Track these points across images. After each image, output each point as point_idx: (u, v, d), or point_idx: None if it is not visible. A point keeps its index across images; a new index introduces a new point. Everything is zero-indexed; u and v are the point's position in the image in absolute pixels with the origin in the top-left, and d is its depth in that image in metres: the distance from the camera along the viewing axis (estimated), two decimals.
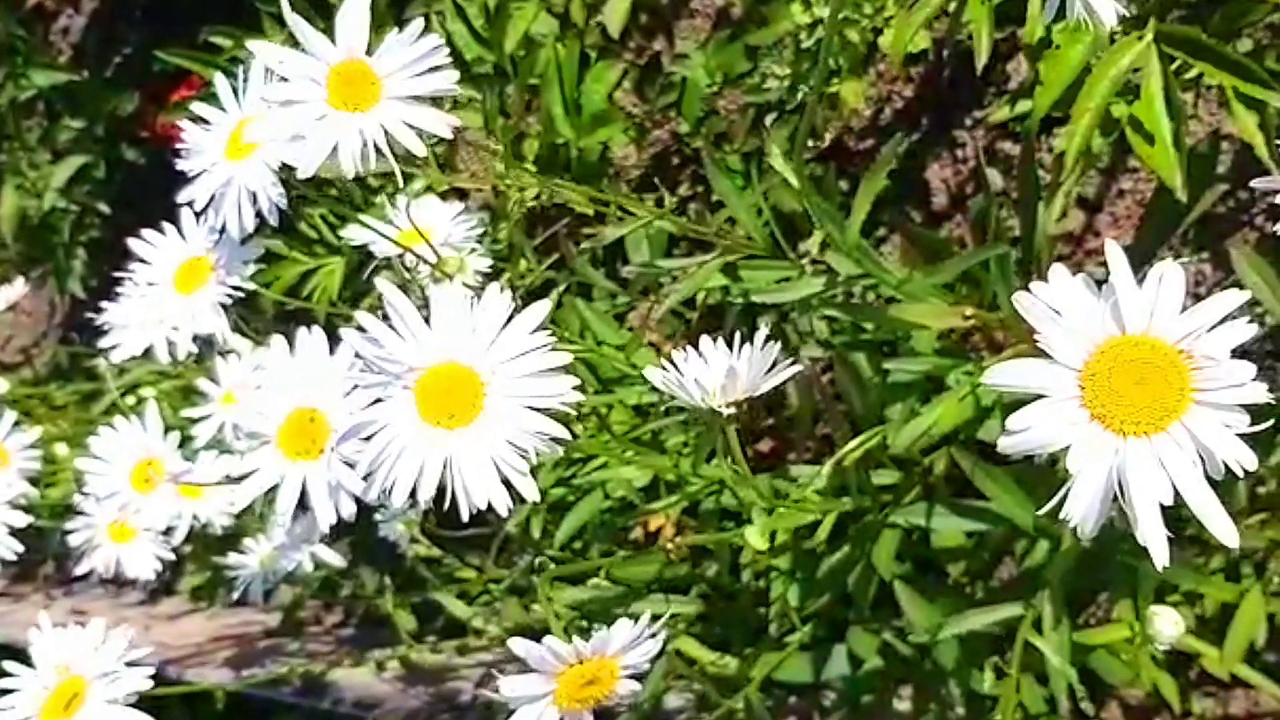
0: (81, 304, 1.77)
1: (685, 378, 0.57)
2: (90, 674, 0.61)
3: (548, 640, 0.52)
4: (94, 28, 1.74)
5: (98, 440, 0.84)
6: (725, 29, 1.18)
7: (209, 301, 0.68)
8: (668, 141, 1.24)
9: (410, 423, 0.48)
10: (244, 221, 0.61)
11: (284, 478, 0.54)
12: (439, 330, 0.49)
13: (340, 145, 0.55)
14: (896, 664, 0.83)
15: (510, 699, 0.53)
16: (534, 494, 0.49)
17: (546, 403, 0.49)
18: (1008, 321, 0.68)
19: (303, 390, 0.54)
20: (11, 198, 1.51)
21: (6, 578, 1.96)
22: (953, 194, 1.12)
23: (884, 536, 0.73)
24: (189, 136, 0.64)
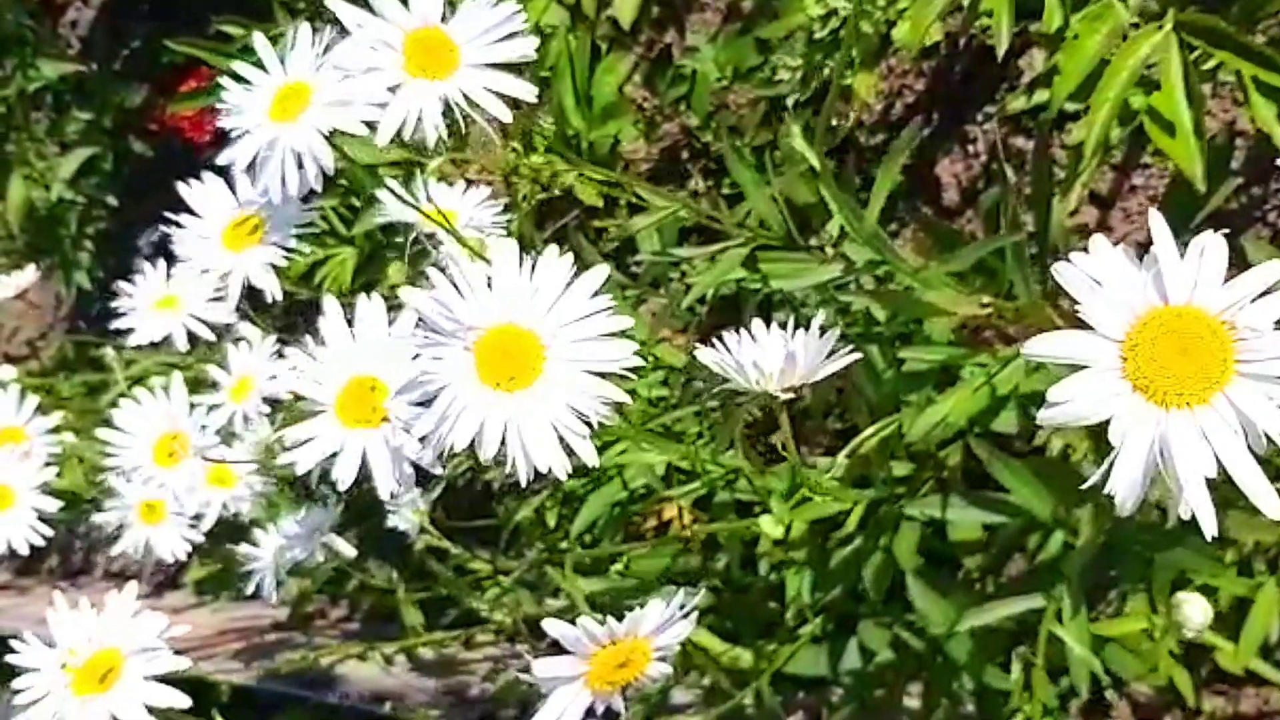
0: (88, 296, 1.78)
1: (744, 361, 0.56)
2: (127, 648, 0.60)
3: (582, 621, 0.51)
4: (102, 21, 1.75)
5: (120, 412, 0.84)
6: (735, 23, 1.18)
7: (262, 259, 0.67)
8: (677, 135, 1.24)
9: (470, 383, 0.48)
10: (288, 186, 0.60)
11: (344, 445, 0.53)
12: (499, 292, 0.49)
13: (424, 112, 0.55)
14: (908, 658, 0.83)
15: (542, 680, 0.53)
16: (594, 458, 0.48)
17: (606, 367, 0.48)
18: (1024, 310, 0.67)
19: (362, 359, 0.54)
20: (19, 188, 1.50)
21: (10, 571, 1.96)
22: (963, 189, 1.12)
23: (904, 528, 0.73)
24: (229, 95, 0.62)
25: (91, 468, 1.36)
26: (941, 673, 0.81)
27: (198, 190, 0.71)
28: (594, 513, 0.84)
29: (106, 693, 0.60)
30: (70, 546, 1.89)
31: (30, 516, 1.01)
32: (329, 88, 0.60)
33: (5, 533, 1.01)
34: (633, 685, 0.54)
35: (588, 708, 0.53)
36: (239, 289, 0.68)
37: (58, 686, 0.61)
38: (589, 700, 0.53)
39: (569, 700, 0.53)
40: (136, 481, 0.85)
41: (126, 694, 0.60)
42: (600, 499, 0.85)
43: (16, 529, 1.01)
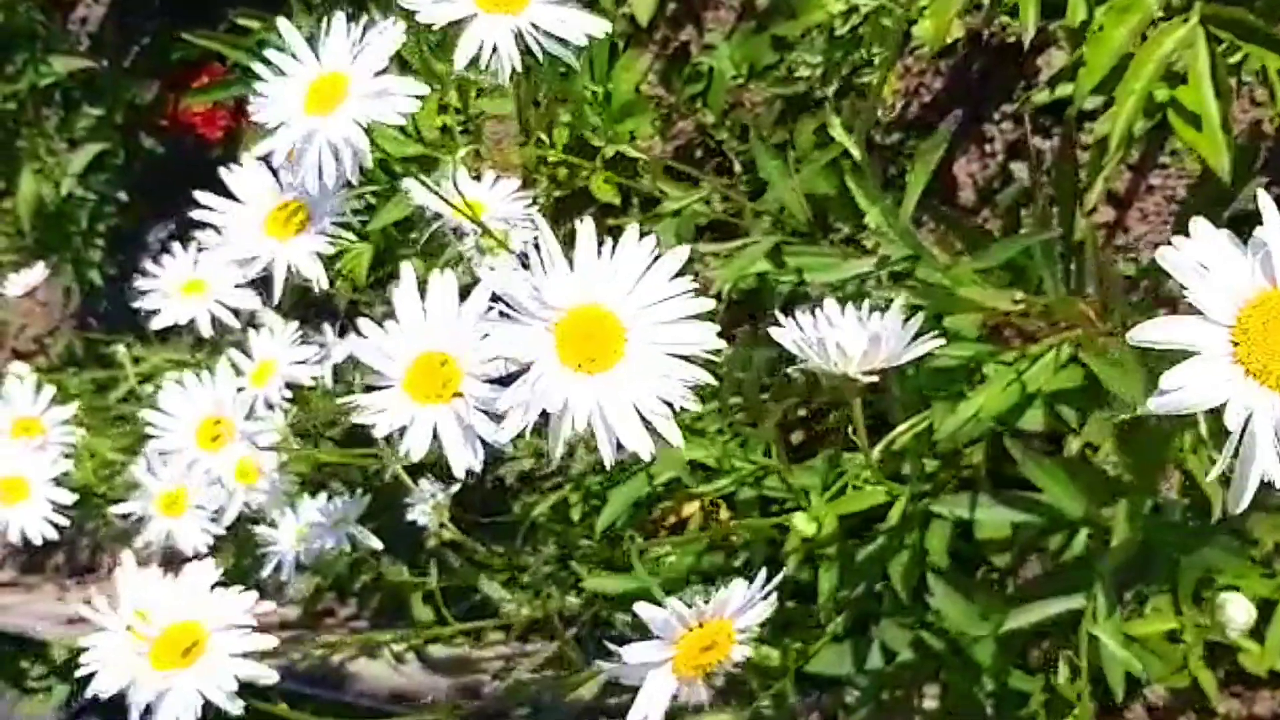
0: (96, 293, 1.77)
1: (827, 340, 0.55)
2: (212, 624, 0.59)
3: (671, 603, 0.51)
4: (112, 17, 1.74)
5: (164, 395, 0.83)
6: (750, 21, 1.18)
7: (309, 247, 0.66)
8: (691, 133, 1.24)
9: (552, 364, 0.48)
10: (325, 179, 0.60)
11: (414, 419, 0.53)
12: (580, 273, 0.49)
13: (498, 44, 0.55)
14: (928, 660, 0.82)
15: (630, 666, 0.53)
16: (678, 439, 0.48)
17: (688, 349, 0.48)
18: (1054, 307, 0.67)
19: (433, 334, 0.53)
20: (30, 184, 1.50)
21: (16, 568, 1.96)
22: (980, 188, 1.12)
23: (934, 525, 0.72)
24: (263, 86, 0.62)
25: (102, 463, 1.36)
26: (963, 674, 0.80)
27: (240, 175, 0.71)
28: (618, 508, 0.84)
29: (190, 667, 0.58)
30: (76, 544, 1.89)
31: (45, 508, 1.01)
32: (366, 79, 0.60)
33: (20, 523, 1.01)
34: (716, 670, 0.54)
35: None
36: (283, 277, 0.68)
37: (128, 654, 0.59)
38: (675, 687, 0.53)
39: (659, 687, 0.52)
40: (179, 464, 0.85)
41: (212, 669, 0.58)
42: (624, 494, 0.84)
43: (32, 520, 1.01)
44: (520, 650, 1.32)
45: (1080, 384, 0.73)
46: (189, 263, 0.96)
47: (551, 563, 1.04)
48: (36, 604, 1.82)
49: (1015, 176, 1.09)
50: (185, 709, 0.57)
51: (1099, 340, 0.65)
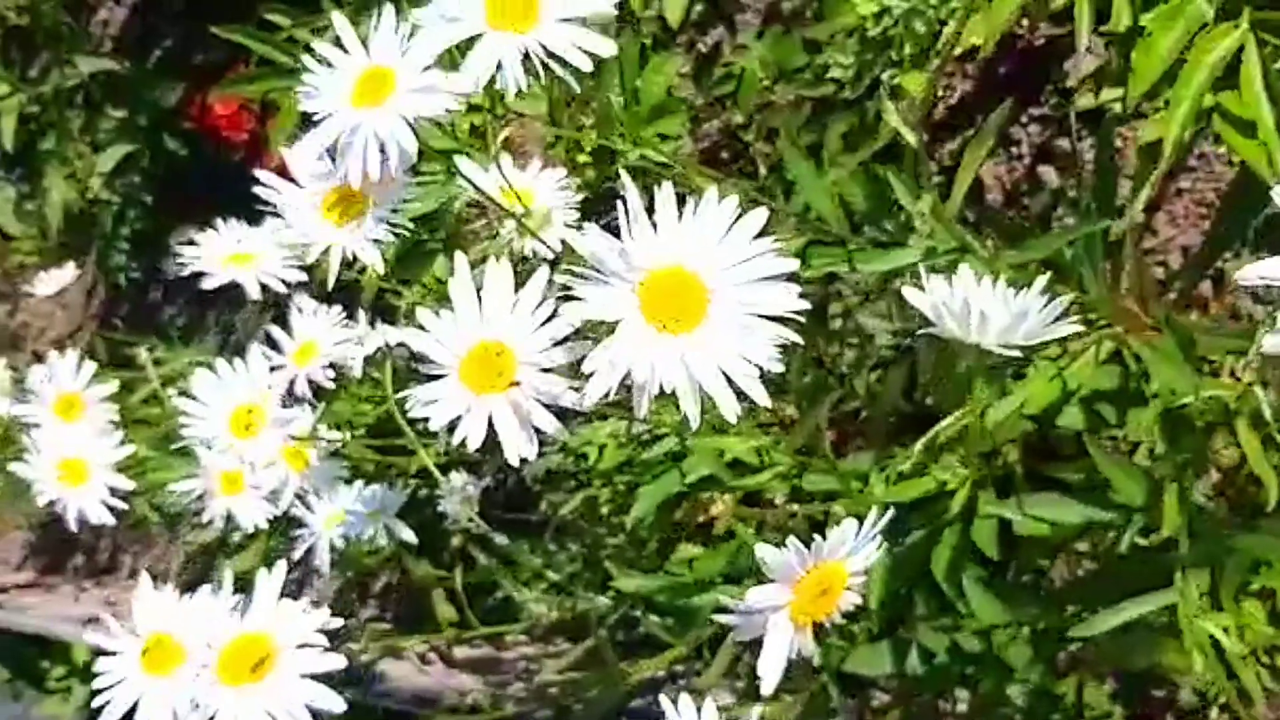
0: (118, 295, 1.78)
1: (972, 307, 0.54)
2: (284, 640, 0.56)
3: (791, 541, 0.51)
4: (134, 19, 1.75)
5: (197, 382, 0.83)
6: (775, 24, 1.18)
7: (368, 234, 0.66)
8: (717, 136, 1.24)
9: (637, 324, 0.48)
10: (369, 172, 0.60)
11: (469, 409, 0.52)
12: (662, 233, 0.48)
13: (504, 63, 0.55)
14: (965, 661, 0.82)
15: (754, 608, 0.52)
16: (765, 399, 0.48)
17: (772, 310, 0.48)
18: (1093, 304, 0.67)
19: (489, 323, 0.53)
20: (59, 186, 1.51)
21: (36, 569, 1.96)
22: (1007, 190, 1.12)
23: (979, 522, 0.72)
24: (311, 78, 0.62)
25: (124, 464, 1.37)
26: (997, 676, 0.80)
27: (299, 156, 0.70)
28: (648, 505, 0.84)
29: (260, 683, 0.55)
30: (96, 545, 1.90)
31: (104, 492, 1.02)
32: (414, 74, 0.60)
33: (79, 505, 1.02)
34: (829, 618, 0.53)
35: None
36: (339, 262, 0.68)
37: (135, 670, 0.59)
38: (792, 635, 0.53)
39: (781, 636, 0.52)
40: (213, 451, 0.85)
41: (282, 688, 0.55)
42: (655, 491, 0.84)
43: (91, 503, 1.01)
44: (544, 651, 1.32)
45: (1118, 382, 0.73)
46: (234, 235, 0.95)
47: (579, 561, 1.04)
48: (55, 605, 1.83)
49: (1044, 180, 1.09)
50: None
51: (1145, 334, 0.65)
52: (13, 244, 1.86)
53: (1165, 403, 0.65)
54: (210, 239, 0.91)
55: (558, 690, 1.20)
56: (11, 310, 1.99)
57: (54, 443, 1.02)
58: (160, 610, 0.62)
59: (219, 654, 0.57)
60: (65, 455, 1.01)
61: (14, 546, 2.00)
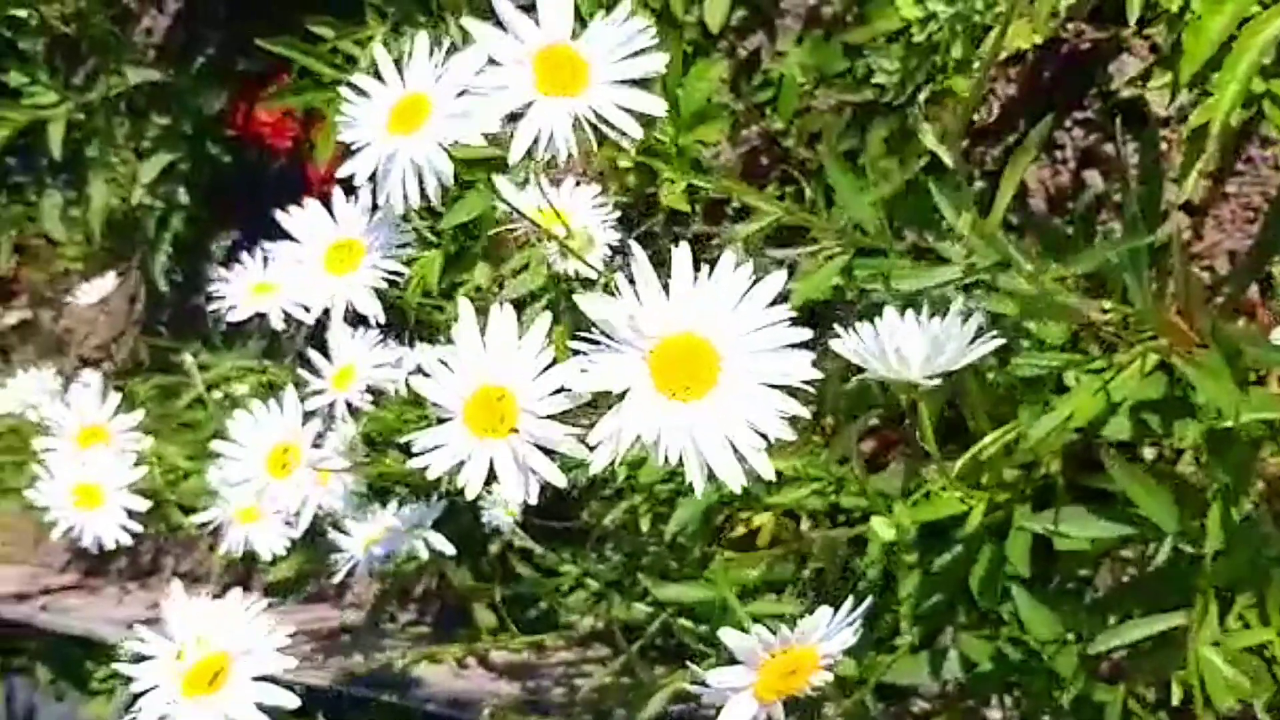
0: (161, 300, 1.80)
1: (886, 347, 0.55)
2: (234, 649, 0.59)
3: (756, 630, 0.51)
4: (177, 28, 1.77)
5: (235, 425, 0.84)
6: (815, 29, 1.18)
7: (363, 284, 0.67)
8: (757, 141, 1.24)
9: (647, 391, 0.48)
10: (409, 197, 0.60)
11: (471, 455, 0.53)
12: (675, 300, 0.48)
13: (554, 129, 0.55)
14: (1007, 670, 0.81)
15: (716, 689, 0.53)
16: (770, 472, 0.48)
17: (784, 379, 0.48)
18: (1141, 315, 0.66)
19: (491, 368, 0.53)
20: (101, 193, 1.53)
21: (80, 571, 1.99)
22: (1050, 196, 1.11)
23: (1014, 535, 0.72)
24: (349, 108, 0.63)
25: (169, 468, 1.38)
26: (1043, 685, 0.79)
27: (298, 216, 0.72)
28: (688, 516, 0.84)
29: (215, 694, 0.59)
30: (139, 548, 1.92)
31: (120, 515, 1.03)
32: (449, 100, 0.60)
33: (95, 529, 1.03)
34: (799, 693, 0.54)
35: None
36: (342, 312, 0.69)
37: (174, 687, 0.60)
38: (755, 710, 0.53)
39: (740, 711, 0.53)
40: (247, 493, 0.86)
41: (235, 694, 0.59)
42: (694, 503, 0.84)
43: (107, 527, 1.03)
44: (582, 656, 1.32)
45: (1164, 394, 0.72)
46: (259, 269, 0.97)
47: (618, 570, 1.04)
48: (99, 606, 1.85)
49: (1088, 184, 1.08)
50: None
51: (1190, 348, 0.64)
52: (58, 249, 1.89)
53: (1209, 419, 0.64)
54: (239, 273, 0.93)
55: (596, 696, 1.20)
56: (56, 316, 2.02)
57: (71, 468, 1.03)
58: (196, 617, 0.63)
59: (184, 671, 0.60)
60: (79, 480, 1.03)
61: (57, 549, 2.02)
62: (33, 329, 2.04)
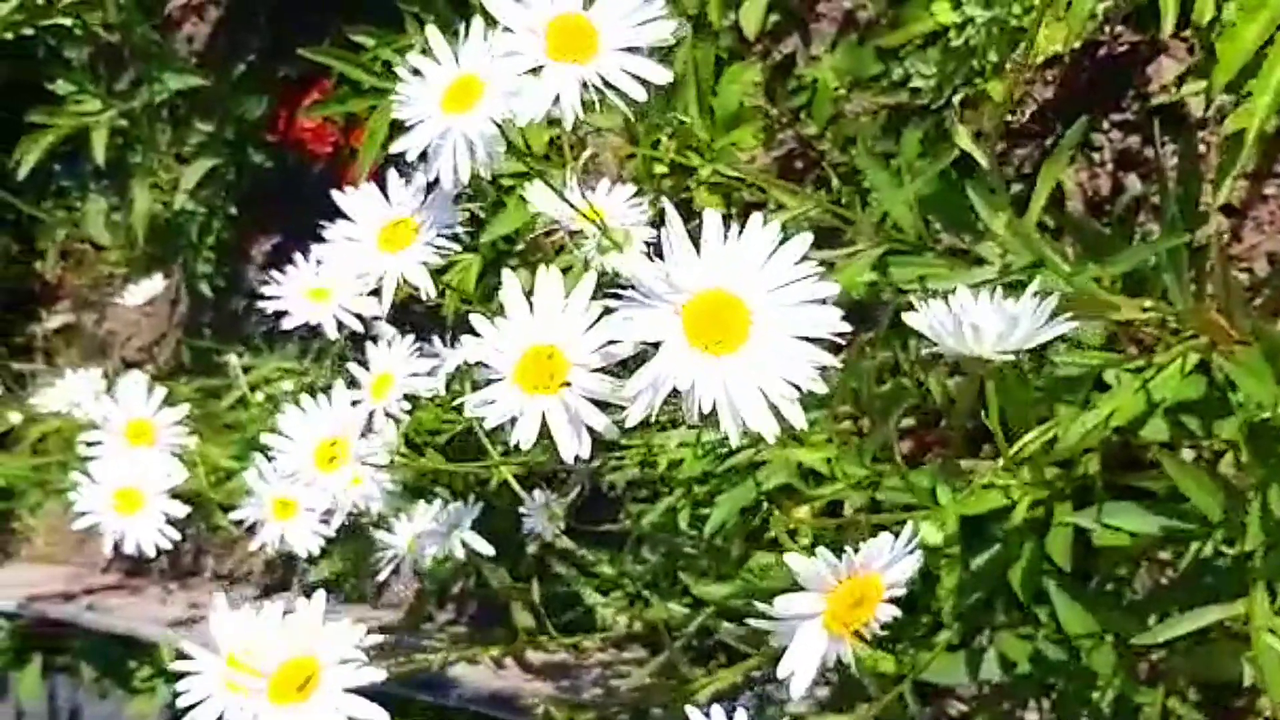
0: (202, 303, 1.82)
1: (962, 321, 0.55)
2: (326, 658, 0.60)
3: (821, 552, 0.52)
4: (218, 36, 1.79)
5: (284, 419, 0.86)
6: (850, 32, 1.18)
7: (416, 258, 0.68)
8: (792, 145, 1.24)
9: (680, 344, 0.49)
10: (460, 173, 0.62)
11: (523, 410, 0.54)
12: (706, 257, 0.50)
13: (561, 95, 0.56)
14: (1045, 669, 0.82)
15: (783, 618, 0.53)
16: (802, 421, 0.49)
17: (814, 332, 0.49)
18: (1182, 315, 0.67)
19: (540, 327, 0.55)
20: (144, 198, 1.55)
21: (121, 572, 2.01)
22: (1088, 198, 1.11)
23: (1055, 532, 0.72)
24: (404, 87, 0.64)
25: (212, 468, 1.40)
26: (1081, 685, 0.80)
27: (353, 197, 0.73)
28: (726, 514, 0.85)
29: (305, 702, 0.59)
30: (180, 548, 1.94)
31: (159, 520, 1.04)
32: (502, 78, 0.62)
33: (135, 535, 1.04)
34: (866, 628, 0.54)
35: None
36: (393, 287, 0.70)
37: (223, 689, 0.61)
38: (825, 643, 0.53)
39: (810, 642, 0.53)
40: (297, 485, 0.87)
41: (326, 704, 0.59)
42: (732, 500, 0.85)
43: (146, 531, 1.04)
44: (619, 657, 1.33)
45: (1203, 393, 0.72)
46: (311, 271, 0.98)
47: (658, 571, 1.04)
48: (141, 606, 1.87)
49: (1126, 186, 1.08)
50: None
51: (1230, 347, 0.65)
52: (101, 254, 1.92)
53: (1249, 416, 0.65)
54: (291, 275, 0.94)
55: (635, 696, 1.21)
56: (99, 319, 2.05)
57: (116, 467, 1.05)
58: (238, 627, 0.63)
59: (270, 677, 0.59)
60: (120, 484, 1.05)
61: (99, 550, 2.05)
62: (76, 332, 2.07)
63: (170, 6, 1.80)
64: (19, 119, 1.59)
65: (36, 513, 2.03)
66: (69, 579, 2.00)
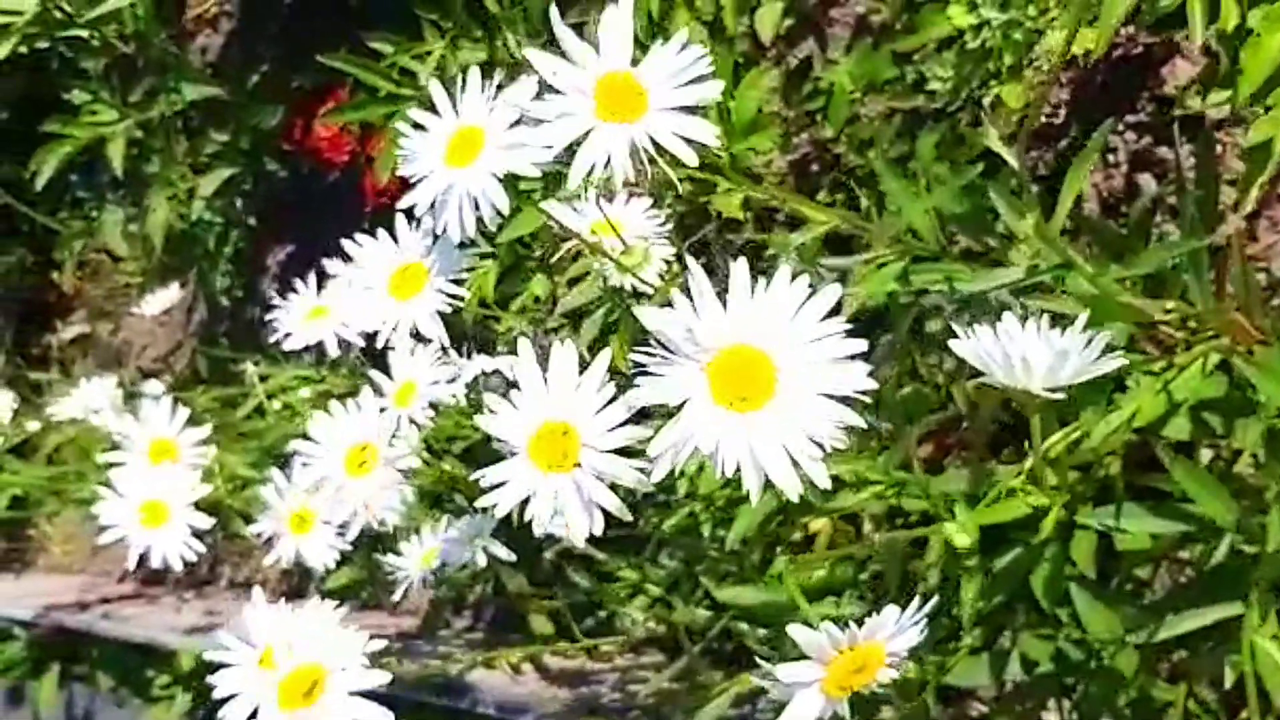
0: (219, 312, 1.83)
1: (1013, 355, 0.55)
2: (331, 664, 0.61)
3: (825, 626, 0.52)
4: (232, 46, 1.80)
5: (314, 424, 0.87)
6: (865, 37, 1.19)
7: (427, 308, 0.69)
8: (808, 149, 1.24)
9: (705, 402, 0.49)
10: (465, 227, 0.62)
11: (537, 490, 0.55)
12: (732, 312, 0.50)
13: (612, 155, 0.56)
14: (1068, 670, 0.82)
15: (785, 685, 0.54)
16: (826, 481, 0.49)
17: (840, 390, 0.49)
18: (1205, 316, 0.67)
19: (554, 403, 0.55)
20: (162, 208, 1.56)
21: (138, 580, 2.02)
22: (1104, 200, 1.11)
23: (1079, 536, 0.72)
24: (406, 143, 0.65)
25: (231, 477, 1.41)
26: (1104, 685, 0.80)
27: (363, 244, 0.74)
28: (748, 523, 0.85)
29: (311, 707, 0.61)
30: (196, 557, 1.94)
31: (184, 532, 1.05)
32: (502, 132, 0.62)
33: (161, 548, 1.05)
34: (863, 690, 0.55)
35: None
36: (407, 335, 0.71)
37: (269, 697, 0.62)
38: (822, 705, 0.54)
39: (807, 706, 0.54)
40: (315, 497, 0.88)
41: (332, 709, 0.61)
42: (753, 510, 0.85)
43: (172, 544, 1.05)
44: (637, 663, 1.33)
45: (1224, 393, 0.72)
46: (312, 294, 1.00)
47: (678, 575, 1.05)
48: (157, 615, 1.88)
49: (1141, 187, 1.08)
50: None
51: (1251, 347, 0.65)
52: (118, 265, 1.93)
53: (1268, 416, 0.65)
54: (294, 300, 0.96)
55: (654, 701, 1.21)
56: (114, 329, 2.06)
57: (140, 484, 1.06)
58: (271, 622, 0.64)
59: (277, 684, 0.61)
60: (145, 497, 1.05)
61: (114, 559, 2.05)
62: (91, 343, 2.08)
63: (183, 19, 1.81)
64: (33, 131, 1.60)
65: (53, 521, 2.03)
66: (84, 588, 2.01)
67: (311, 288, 0.98)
